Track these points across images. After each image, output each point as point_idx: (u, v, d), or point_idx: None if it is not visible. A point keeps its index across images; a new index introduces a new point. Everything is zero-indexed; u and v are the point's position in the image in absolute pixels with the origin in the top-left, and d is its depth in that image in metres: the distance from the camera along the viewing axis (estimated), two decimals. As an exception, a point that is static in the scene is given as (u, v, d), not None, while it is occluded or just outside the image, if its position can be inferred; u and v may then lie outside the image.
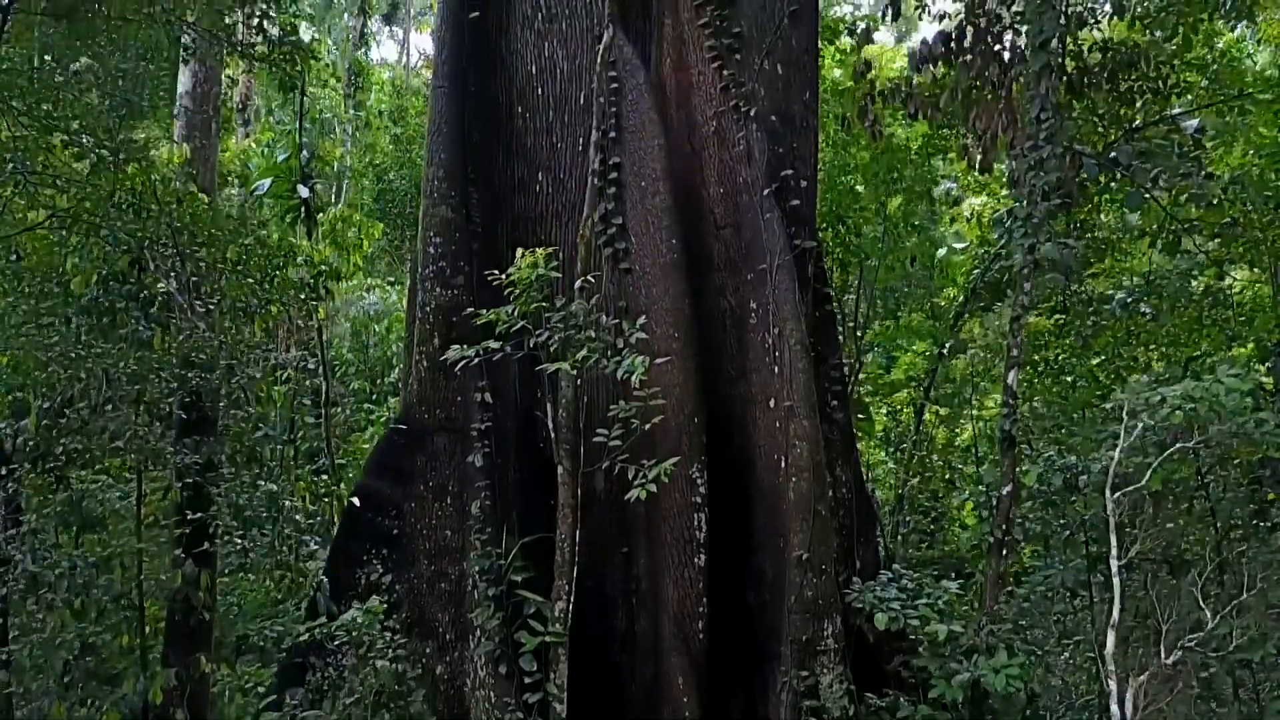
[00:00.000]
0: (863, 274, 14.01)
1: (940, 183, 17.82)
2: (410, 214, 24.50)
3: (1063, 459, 7.77)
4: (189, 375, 7.90)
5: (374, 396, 15.67)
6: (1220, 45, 13.61)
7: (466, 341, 8.32)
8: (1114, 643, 5.80)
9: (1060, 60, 8.50)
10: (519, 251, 7.52)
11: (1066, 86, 9.20)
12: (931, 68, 9.17)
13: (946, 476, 15.71)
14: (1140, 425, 6.94)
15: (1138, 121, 11.10)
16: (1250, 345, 10.16)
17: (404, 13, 41.74)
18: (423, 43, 43.58)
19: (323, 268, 10.41)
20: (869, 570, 10.26)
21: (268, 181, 14.12)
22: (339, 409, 14.87)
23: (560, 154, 9.49)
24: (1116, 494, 6.24)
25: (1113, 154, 10.52)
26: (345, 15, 39.34)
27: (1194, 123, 11.70)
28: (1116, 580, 5.87)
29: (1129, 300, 9.54)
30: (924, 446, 16.74)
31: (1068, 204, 8.39)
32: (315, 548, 8.99)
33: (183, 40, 8.59)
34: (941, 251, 19.25)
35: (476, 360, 7.57)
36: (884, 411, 18.70)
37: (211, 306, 8.14)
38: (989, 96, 9.13)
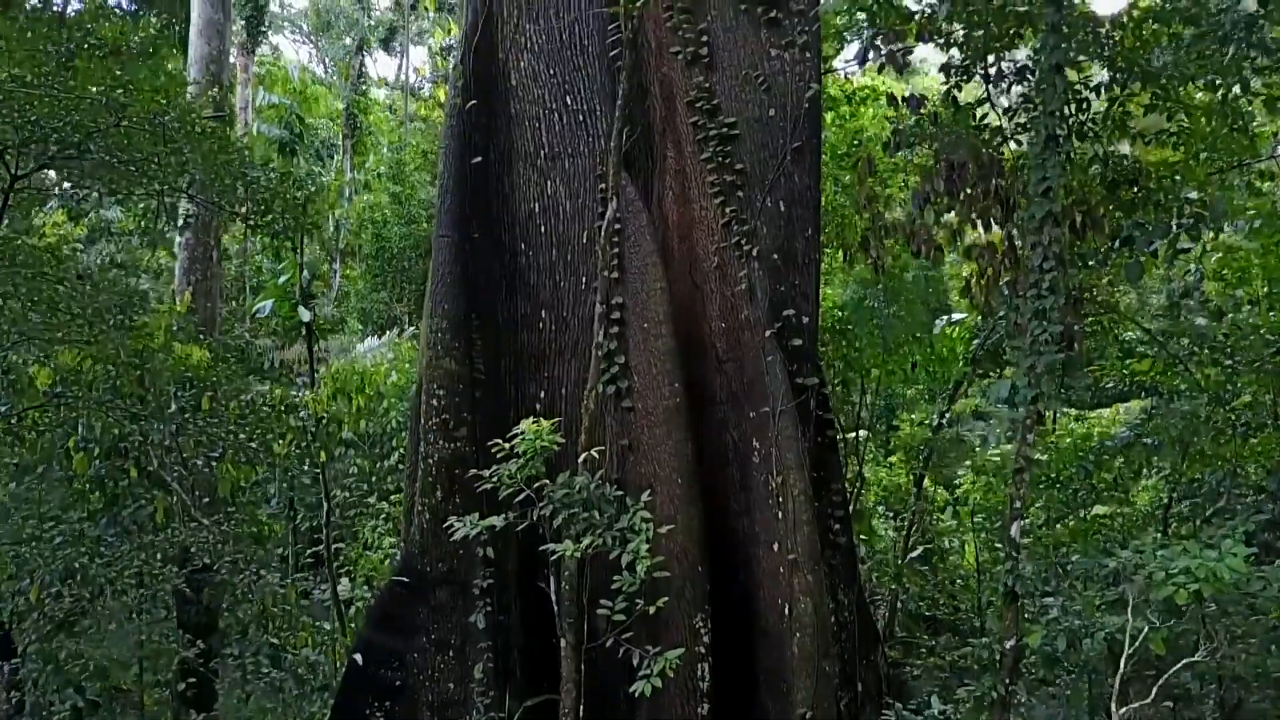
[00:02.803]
0: (864, 387, 14.04)
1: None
2: (408, 270, 24.58)
3: (1067, 620, 7.76)
4: (191, 552, 7.91)
5: (373, 478, 15.57)
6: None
7: (469, 494, 8.35)
8: None
9: (1065, 205, 8.48)
10: (524, 423, 7.51)
11: (1069, 228, 9.19)
12: (933, 204, 9.17)
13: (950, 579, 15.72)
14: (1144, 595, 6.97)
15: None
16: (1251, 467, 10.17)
17: (402, 38, 41.72)
18: (422, 64, 43.72)
19: (324, 416, 10.40)
20: (871, 692, 10.31)
21: (269, 303, 14.14)
22: (338, 492, 14.80)
23: (563, 292, 9.46)
24: (1123, 710, 6.24)
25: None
26: (346, 37, 39.33)
27: (1192, 195, 11.70)
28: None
29: (1131, 438, 9.58)
30: (922, 517, 16.74)
31: (1071, 357, 8.41)
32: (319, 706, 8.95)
33: (181, 207, 8.58)
34: (941, 321, 19.29)
35: (478, 531, 7.55)
36: (882, 473, 18.72)
37: (214, 458, 8.16)
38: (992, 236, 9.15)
